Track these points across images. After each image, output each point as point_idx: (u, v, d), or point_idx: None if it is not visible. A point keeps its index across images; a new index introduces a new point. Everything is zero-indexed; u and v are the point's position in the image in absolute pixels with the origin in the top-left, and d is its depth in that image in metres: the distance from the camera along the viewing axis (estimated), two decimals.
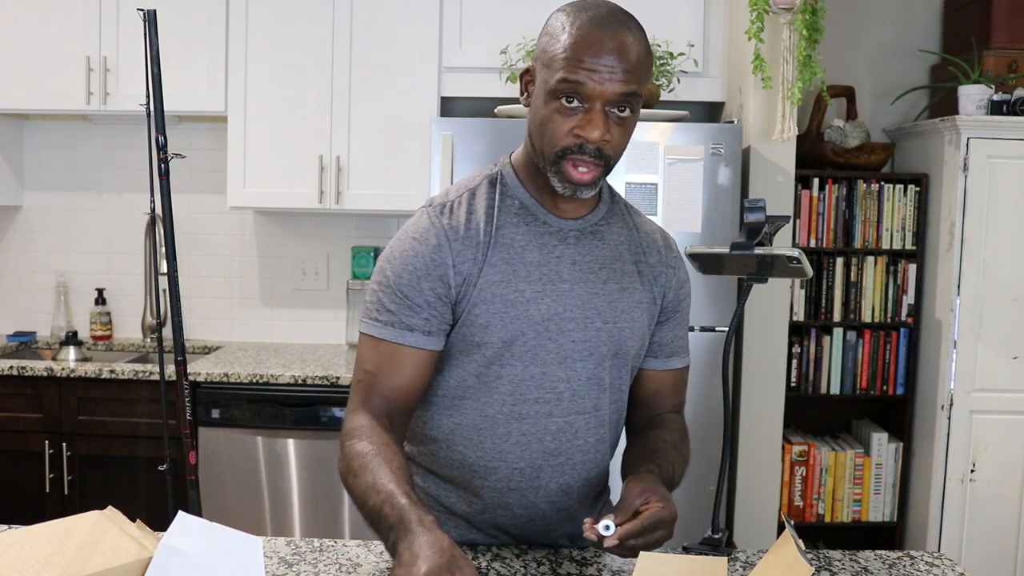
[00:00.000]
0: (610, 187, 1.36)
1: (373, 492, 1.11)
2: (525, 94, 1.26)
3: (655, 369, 1.39)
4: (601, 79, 1.15)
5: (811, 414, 3.19)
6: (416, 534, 1.02)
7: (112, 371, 2.74)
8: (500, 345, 1.25)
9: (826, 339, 2.99)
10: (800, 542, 1.06)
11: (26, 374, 2.74)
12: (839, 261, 2.97)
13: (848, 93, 3.11)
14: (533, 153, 1.25)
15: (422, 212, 1.29)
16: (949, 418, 2.82)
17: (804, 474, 3.00)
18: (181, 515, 1.04)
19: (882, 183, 2.96)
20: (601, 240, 1.31)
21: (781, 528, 2.97)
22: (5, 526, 1.24)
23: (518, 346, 1.25)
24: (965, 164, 2.77)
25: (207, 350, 3.22)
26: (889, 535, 3.07)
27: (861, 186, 2.96)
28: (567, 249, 1.28)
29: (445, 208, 1.28)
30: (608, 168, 1.22)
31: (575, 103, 1.17)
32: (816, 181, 2.95)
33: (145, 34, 2.00)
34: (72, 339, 3.04)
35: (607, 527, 1.09)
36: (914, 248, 2.97)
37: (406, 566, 0.99)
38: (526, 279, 1.25)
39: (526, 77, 1.26)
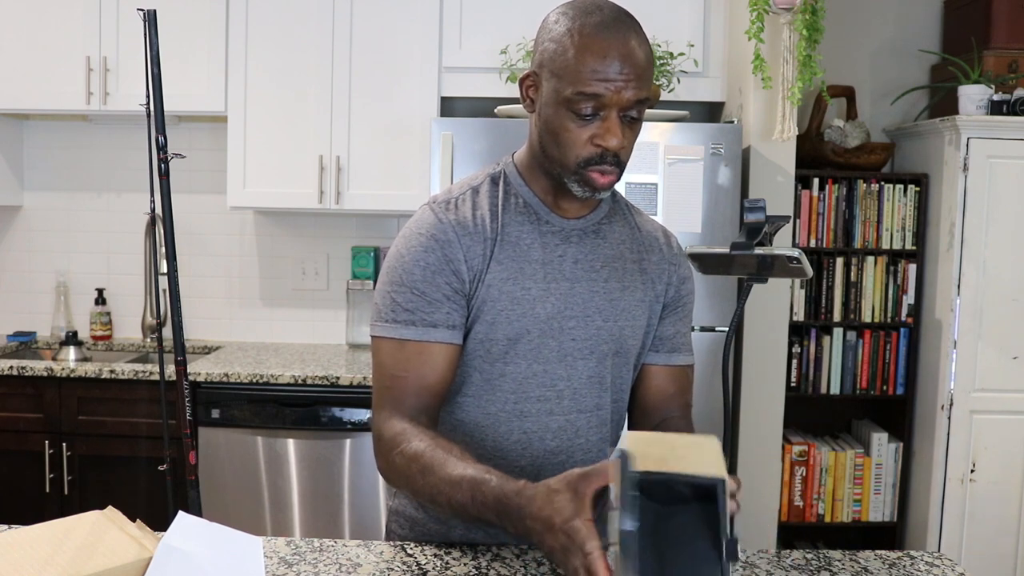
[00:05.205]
0: None
1: (454, 487, 1.09)
2: (528, 100, 1.25)
3: (657, 364, 1.38)
4: (617, 88, 1.15)
5: (811, 414, 3.19)
6: (524, 506, 1.00)
7: (112, 371, 2.74)
8: (505, 343, 1.25)
9: (826, 339, 2.99)
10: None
11: (26, 374, 2.74)
12: (839, 261, 2.97)
13: (848, 93, 3.10)
14: (544, 159, 1.25)
15: (426, 209, 1.29)
16: (949, 418, 2.82)
17: (804, 474, 3.00)
18: (181, 515, 1.04)
19: (882, 183, 2.96)
20: (603, 239, 1.32)
21: (782, 529, 2.97)
22: (5, 526, 1.24)
23: (523, 344, 1.25)
24: (965, 164, 2.77)
25: (207, 350, 3.22)
26: (889, 535, 3.07)
27: (861, 186, 2.96)
28: (569, 248, 1.28)
29: (450, 204, 1.27)
30: (624, 169, 1.23)
31: (590, 112, 1.17)
32: (816, 181, 2.95)
33: (145, 34, 2.00)
34: (72, 339, 3.04)
35: None
36: (914, 248, 2.97)
37: (553, 541, 0.96)
38: (532, 277, 1.25)
39: (527, 83, 1.24)
